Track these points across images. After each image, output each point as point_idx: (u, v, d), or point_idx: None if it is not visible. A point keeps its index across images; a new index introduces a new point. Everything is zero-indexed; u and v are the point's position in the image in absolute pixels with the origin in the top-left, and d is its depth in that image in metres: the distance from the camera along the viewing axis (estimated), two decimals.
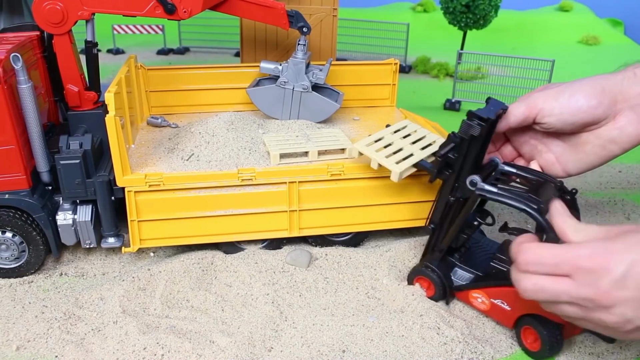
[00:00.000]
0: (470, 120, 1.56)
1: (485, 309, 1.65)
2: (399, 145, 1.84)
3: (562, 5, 5.88)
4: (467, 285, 1.69)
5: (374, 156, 1.77)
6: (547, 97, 1.58)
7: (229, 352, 1.53)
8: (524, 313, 1.57)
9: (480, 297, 1.65)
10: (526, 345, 1.58)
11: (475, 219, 1.68)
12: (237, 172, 1.80)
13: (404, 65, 4.23)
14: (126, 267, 1.92)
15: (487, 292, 1.63)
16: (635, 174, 2.73)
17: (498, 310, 1.62)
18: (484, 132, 1.56)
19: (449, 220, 1.67)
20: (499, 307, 1.62)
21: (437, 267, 1.71)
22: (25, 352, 1.55)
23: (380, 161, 1.75)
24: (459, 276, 1.73)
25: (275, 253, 1.92)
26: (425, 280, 1.74)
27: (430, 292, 1.74)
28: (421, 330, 1.60)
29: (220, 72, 2.30)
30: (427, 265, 1.73)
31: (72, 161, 1.73)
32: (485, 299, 1.64)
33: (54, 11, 1.76)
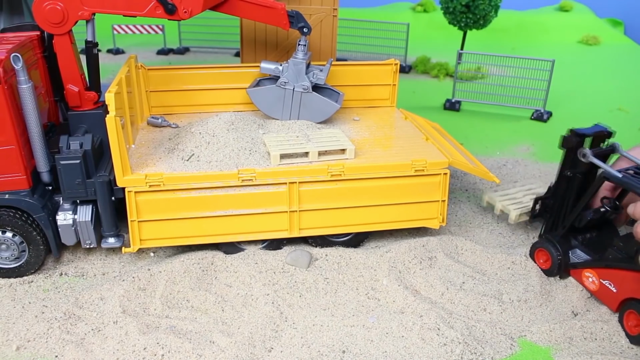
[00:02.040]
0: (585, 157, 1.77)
1: (594, 289, 1.74)
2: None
3: (562, 5, 5.88)
4: (582, 263, 1.79)
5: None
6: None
7: (229, 352, 1.53)
8: (629, 297, 1.64)
9: (592, 277, 1.74)
10: (627, 328, 1.65)
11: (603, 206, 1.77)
12: (237, 173, 1.80)
13: (404, 65, 4.23)
14: (126, 267, 1.92)
15: (598, 272, 1.72)
16: None
17: (605, 292, 1.70)
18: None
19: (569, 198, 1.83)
20: (606, 288, 1.70)
21: (558, 242, 1.84)
22: (25, 352, 1.55)
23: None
24: (577, 255, 1.83)
25: (276, 253, 1.92)
26: (545, 253, 1.87)
27: (546, 264, 1.86)
28: (421, 331, 1.61)
29: (220, 72, 2.30)
30: (549, 239, 1.87)
31: (72, 161, 1.73)
32: (595, 279, 1.73)
33: (54, 11, 1.76)
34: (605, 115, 3.34)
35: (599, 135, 1.86)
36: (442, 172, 1.92)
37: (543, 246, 1.89)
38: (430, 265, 1.91)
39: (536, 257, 1.92)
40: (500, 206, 2.13)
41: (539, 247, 1.91)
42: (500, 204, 2.13)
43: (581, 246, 1.86)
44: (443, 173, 1.92)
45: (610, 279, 1.69)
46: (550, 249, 1.85)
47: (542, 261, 1.89)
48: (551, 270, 1.86)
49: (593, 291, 1.76)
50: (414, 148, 2.03)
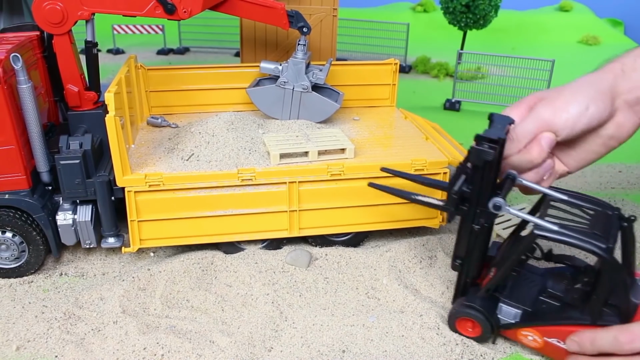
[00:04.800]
0: (481, 144, 1.43)
1: (538, 346, 1.53)
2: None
3: (562, 5, 5.88)
4: (516, 324, 1.54)
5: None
6: (555, 111, 1.53)
7: (229, 352, 1.53)
8: None
9: (532, 335, 1.52)
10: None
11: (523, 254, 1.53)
12: (237, 172, 1.80)
13: (404, 65, 4.23)
14: (126, 267, 1.92)
15: (539, 330, 1.50)
16: (635, 174, 2.73)
17: (553, 349, 1.50)
18: (497, 154, 1.44)
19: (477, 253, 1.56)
20: (554, 345, 1.49)
21: (480, 306, 1.55)
22: (25, 352, 1.55)
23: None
24: (505, 313, 1.56)
25: (275, 253, 1.92)
26: (469, 320, 1.58)
27: (475, 332, 1.59)
28: (421, 331, 1.60)
29: (220, 72, 2.30)
30: (468, 304, 1.57)
31: (72, 161, 1.73)
32: (537, 337, 1.52)
33: (54, 11, 1.76)
34: None
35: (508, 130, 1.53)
36: (442, 171, 1.92)
37: (464, 314, 1.57)
38: (430, 265, 1.91)
39: (459, 328, 1.61)
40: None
41: (459, 316, 1.59)
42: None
43: (505, 300, 1.56)
44: (443, 172, 1.92)
45: (558, 337, 1.47)
46: (475, 314, 1.56)
47: (470, 330, 1.60)
48: (483, 338, 1.58)
49: (536, 348, 1.54)
50: (413, 147, 2.03)
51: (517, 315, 1.55)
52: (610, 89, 1.54)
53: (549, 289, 1.54)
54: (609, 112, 1.53)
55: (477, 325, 1.57)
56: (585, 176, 2.70)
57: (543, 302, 1.53)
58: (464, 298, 1.61)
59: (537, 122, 1.54)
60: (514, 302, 1.56)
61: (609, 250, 1.34)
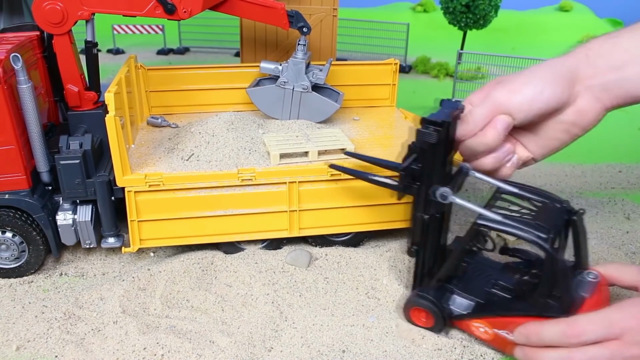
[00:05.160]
0: (425, 127, 1.46)
1: (488, 338, 1.54)
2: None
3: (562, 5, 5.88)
4: (468, 315, 1.56)
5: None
6: (509, 94, 1.52)
7: (229, 352, 1.53)
8: None
9: (483, 327, 1.53)
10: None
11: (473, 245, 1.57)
12: (237, 172, 1.80)
13: (404, 65, 4.23)
14: (126, 267, 1.92)
15: (489, 321, 1.51)
16: (635, 174, 2.73)
17: (502, 341, 1.50)
18: (442, 137, 1.47)
19: (432, 243, 1.58)
20: (503, 337, 1.50)
21: (432, 297, 1.57)
22: (25, 352, 1.55)
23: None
24: (457, 304, 1.58)
25: (275, 253, 1.92)
26: (422, 310, 1.60)
27: (429, 323, 1.61)
28: (421, 331, 1.60)
29: (220, 72, 2.30)
30: (421, 295, 1.59)
31: (72, 161, 1.73)
32: (488, 329, 1.52)
33: (54, 11, 1.76)
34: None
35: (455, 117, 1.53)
36: None
37: (417, 304, 1.59)
38: None
39: (413, 318, 1.63)
40: None
41: (413, 306, 1.61)
42: None
43: (458, 291, 1.59)
44: None
45: (507, 328, 1.47)
46: (427, 305, 1.58)
47: (423, 320, 1.61)
48: (435, 328, 1.59)
49: (486, 340, 1.54)
50: None
51: (469, 307, 1.57)
52: (570, 74, 1.51)
53: (500, 282, 1.55)
54: (566, 96, 1.51)
55: (430, 316, 1.59)
56: (585, 176, 2.70)
57: (495, 295, 1.55)
58: (418, 288, 1.63)
59: (491, 105, 1.53)
60: (467, 293, 1.58)
61: (548, 240, 1.34)
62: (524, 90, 1.51)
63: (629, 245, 2.08)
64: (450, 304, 1.59)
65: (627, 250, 2.04)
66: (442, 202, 1.48)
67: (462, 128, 1.55)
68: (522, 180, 2.57)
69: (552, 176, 2.68)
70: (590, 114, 1.54)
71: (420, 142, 1.48)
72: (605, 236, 2.14)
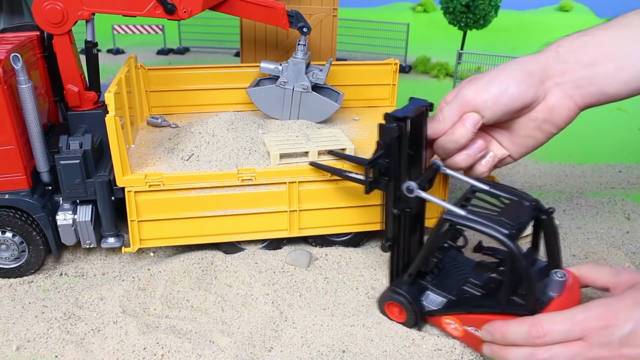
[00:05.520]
0: (387, 122, 1.51)
1: (459, 335, 1.55)
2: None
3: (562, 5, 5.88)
4: (439, 310, 1.57)
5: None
6: (476, 91, 1.54)
7: (229, 352, 1.53)
8: None
9: (453, 323, 1.55)
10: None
11: (445, 241, 1.61)
12: (237, 172, 1.80)
13: (404, 65, 4.23)
14: (126, 267, 1.92)
15: (459, 318, 1.53)
16: (635, 174, 2.73)
17: (471, 338, 1.52)
18: (403, 132, 1.50)
19: (404, 236, 1.60)
20: (472, 334, 1.51)
21: (406, 292, 1.59)
22: (25, 352, 1.55)
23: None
24: (430, 300, 1.60)
25: (275, 253, 1.92)
26: (396, 305, 1.62)
27: (402, 317, 1.62)
28: (421, 331, 1.60)
29: (220, 72, 2.30)
30: (395, 289, 1.61)
31: (72, 161, 1.73)
32: (458, 325, 1.54)
33: (54, 11, 1.76)
34: (604, 115, 3.33)
35: (421, 113, 1.57)
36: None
37: (391, 299, 1.62)
38: None
39: (388, 312, 1.65)
40: None
41: (387, 300, 1.64)
42: None
43: (432, 288, 1.61)
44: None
45: (475, 325, 1.48)
46: (400, 299, 1.59)
47: (397, 314, 1.63)
48: (408, 323, 1.61)
49: (457, 337, 1.56)
50: None
51: (441, 303, 1.58)
52: (539, 71, 1.51)
53: (472, 279, 1.56)
54: (532, 93, 1.51)
55: (403, 311, 1.61)
56: (585, 176, 2.70)
57: (466, 292, 1.56)
58: (393, 283, 1.65)
59: (460, 103, 1.55)
60: (440, 290, 1.60)
61: (510, 236, 1.34)
62: (489, 88, 1.53)
63: (629, 245, 2.09)
64: (423, 299, 1.60)
65: (627, 250, 2.04)
66: (409, 196, 1.50)
67: (432, 126, 1.59)
68: (522, 180, 2.59)
69: (552, 176, 2.68)
70: (561, 111, 1.53)
71: (382, 137, 1.53)
72: (605, 236, 2.14)
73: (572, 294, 1.46)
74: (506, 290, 1.41)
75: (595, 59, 1.48)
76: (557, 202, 2.40)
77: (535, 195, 1.58)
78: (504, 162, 1.69)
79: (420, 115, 1.56)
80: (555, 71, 1.51)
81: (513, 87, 1.51)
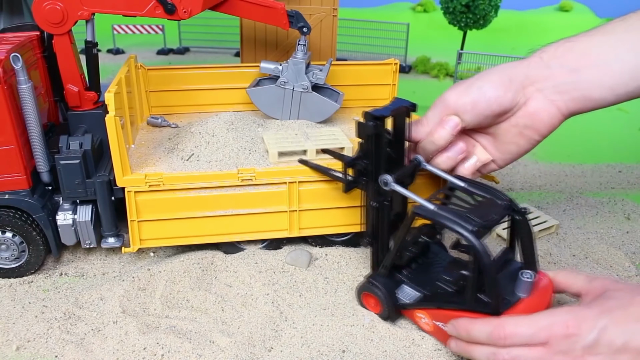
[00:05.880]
0: (365, 120, 1.53)
1: (429, 330, 1.57)
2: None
3: (562, 5, 5.89)
4: (411, 304, 1.60)
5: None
6: (458, 95, 1.57)
7: (229, 352, 1.53)
8: None
9: (424, 318, 1.57)
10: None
11: (420, 236, 1.63)
12: (237, 172, 1.80)
13: (404, 65, 4.24)
14: (126, 267, 1.92)
15: (430, 313, 1.55)
16: (635, 174, 2.73)
17: (441, 333, 1.53)
18: (380, 130, 1.53)
19: (383, 230, 1.62)
20: (441, 329, 1.52)
21: (382, 284, 1.62)
22: (25, 352, 1.55)
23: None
24: (405, 294, 1.62)
25: (275, 253, 1.92)
26: (372, 297, 1.65)
27: (377, 309, 1.66)
28: (421, 331, 1.60)
29: (220, 72, 2.30)
30: (371, 281, 1.64)
31: (72, 161, 1.73)
32: (428, 320, 1.56)
33: (54, 11, 1.76)
34: (604, 115, 3.32)
35: (400, 112, 1.61)
36: None
37: (367, 290, 1.65)
38: None
39: (365, 302, 1.69)
40: None
41: (363, 291, 1.68)
42: None
43: (408, 282, 1.64)
44: None
45: (443, 320, 1.50)
46: (376, 291, 1.62)
47: (372, 305, 1.67)
48: (383, 315, 1.64)
49: (428, 332, 1.58)
50: None
51: (414, 297, 1.61)
52: (521, 76, 1.52)
53: (445, 275, 1.57)
54: (511, 98, 1.52)
55: (378, 302, 1.64)
56: (585, 176, 2.71)
57: (438, 287, 1.57)
58: (371, 274, 1.68)
59: (442, 106, 1.58)
60: (415, 284, 1.63)
61: (474, 232, 1.35)
62: (470, 92, 1.55)
63: (629, 245, 2.09)
64: (398, 292, 1.63)
65: (627, 251, 2.04)
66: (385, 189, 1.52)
67: (416, 129, 1.62)
68: (522, 180, 2.59)
69: (552, 176, 2.68)
70: (542, 117, 1.53)
71: (359, 134, 1.57)
72: (605, 236, 2.14)
73: (542, 296, 1.46)
74: (472, 288, 1.42)
75: (579, 65, 1.48)
76: (557, 202, 2.40)
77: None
78: (488, 167, 1.70)
79: (401, 114, 1.58)
80: (538, 76, 1.52)
81: (491, 92, 1.52)
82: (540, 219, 2.17)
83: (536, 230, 2.10)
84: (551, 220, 2.17)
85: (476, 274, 1.39)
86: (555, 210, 2.31)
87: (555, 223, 2.16)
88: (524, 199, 2.39)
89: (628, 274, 1.91)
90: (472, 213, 1.42)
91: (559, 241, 2.10)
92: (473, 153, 1.67)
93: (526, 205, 2.27)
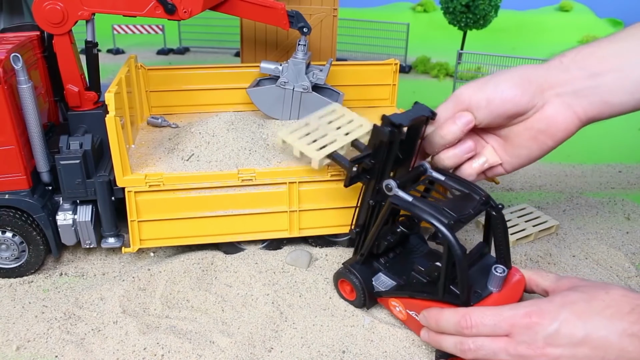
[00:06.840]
0: (383, 124, 1.51)
1: (403, 318, 1.59)
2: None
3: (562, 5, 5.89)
4: (386, 292, 1.62)
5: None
6: (473, 91, 1.54)
7: (229, 352, 1.53)
8: None
9: (398, 306, 1.59)
10: None
11: (398, 226, 1.64)
12: (237, 173, 1.80)
13: (404, 65, 4.24)
14: (126, 267, 1.92)
15: (403, 302, 1.57)
16: (635, 174, 2.73)
17: (413, 322, 1.55)
18: (395, 138, 1.51)
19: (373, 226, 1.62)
20: (414, 319, 1.54)
21: (358, 271, 1.65)
22: (25, 352, 1.55)
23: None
24: (381, 282, 1.65)
25: (276, 253, 1.92)
26: (348, 284, 1.68)
27: (352, 296, 1.69)
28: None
29: (220, 72, 2.30)
30: (349, 268, 1.67)
31: (72, 161, 1.73)
32: (402, 309, 1.58)
33: (54, 11, 1.76)
34: None
35: (419, 121, 1.59)
36: None
37: (344, 276, 1.69)
38: None
39: (341, 289, 1.73)
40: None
41: (340, 277, 1.71)
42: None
43: (384, 270, 1.67)
44: None
45: (415, 310, 1.52)
46: (352, 278, 1.66)
47: (347, 292, 1.70)
48: (357, 302, 1.68)
49: (402, 320, 1.60)
50: None
51: (390, 285, 1.63)
52: (540, 79, 1.50)
53: (420, 266, 1.58)
54: (528, 100, 1.49)
55: (353, 289, 1.67)
56: (585, 176, 2.70)
57: (413, 277, 1.58)
58: (348, 261, 1.71)
59: (455, 101, 1.56)
60: (392, 273, 1.66)
61: (448, 225, 1.36)
62: (485, 88, 1.52)
63: (629, 245, 2.09)
64: (374, 280, 1.66)
65: (627, 251, 2.04)
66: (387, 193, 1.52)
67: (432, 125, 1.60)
68: (522, 180, 2.59)
69: (552, 176, 2.68)
70: (560, 122, 1.51)
71: (373, 137, 1.54)
72: (605, 236, 2.14)
73: (513, 292, 1.48)
74: (444, 279, 1.43)
75: (600, 70, 1.46)
76: (557, 202, 2.40)
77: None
78: (494, 171, 1.68)
79: (419, 124, 1.57)
80: (557, 80, 1.49)
81: (507, 91, 1.50)
82: (540, 219, 2.17)
83: (536, 230, 2.10)
84: (551, 220, 2.17)
85: (449, 266, 1.40)
86: (555, 211, 2.31)
87: (555, 223, 2.16)
88: (524, 199, 2.39)
89: (628, 275, 1.91)
90: (448, 206, 1.43)
91: (558, 241, 2.10)
92: (482, 154, 1.64)
93: (526, 205, 2.27)
